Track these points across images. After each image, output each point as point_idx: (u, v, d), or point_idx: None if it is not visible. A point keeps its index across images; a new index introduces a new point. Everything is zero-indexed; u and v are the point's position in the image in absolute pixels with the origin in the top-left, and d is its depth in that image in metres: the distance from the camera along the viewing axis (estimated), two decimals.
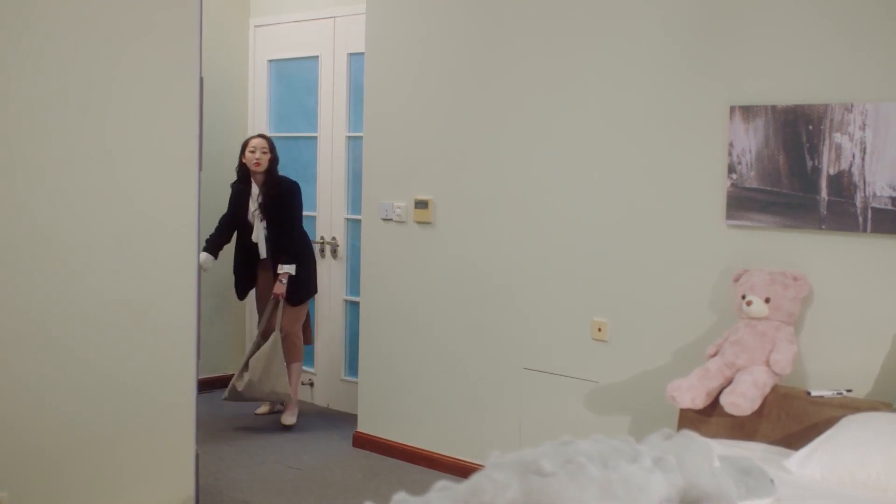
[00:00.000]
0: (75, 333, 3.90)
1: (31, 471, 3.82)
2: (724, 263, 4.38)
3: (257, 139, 6.29)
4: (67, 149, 3.85)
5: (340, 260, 6.80)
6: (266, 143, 6.29)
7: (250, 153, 6.23)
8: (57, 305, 3.85)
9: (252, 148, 6.23)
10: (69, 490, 3.94)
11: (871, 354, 4.00)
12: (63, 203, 3.85)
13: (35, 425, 3.82)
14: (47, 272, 3.81)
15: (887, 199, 3.91)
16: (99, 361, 3.98)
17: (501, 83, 5.18)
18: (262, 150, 6.23)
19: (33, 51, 3.73)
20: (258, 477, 5.35)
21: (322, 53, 6.83)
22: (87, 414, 3.96)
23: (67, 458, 3.92)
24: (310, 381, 7.00)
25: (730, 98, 4.34)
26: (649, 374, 4.65)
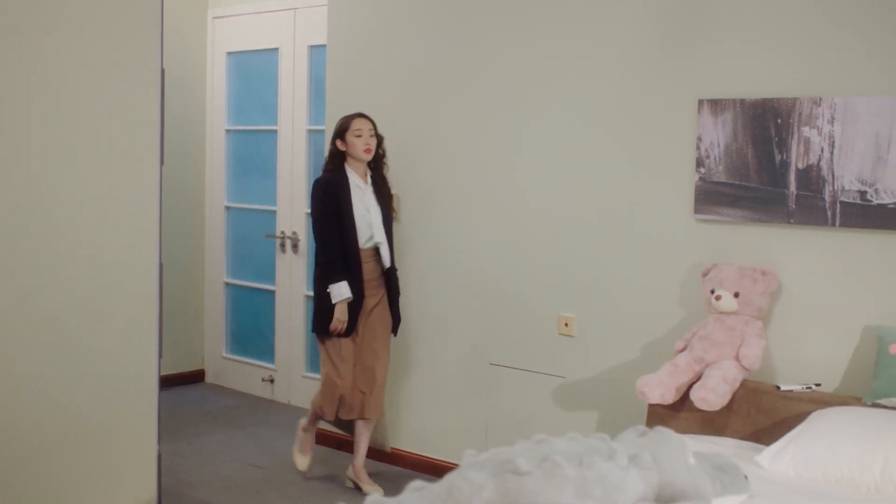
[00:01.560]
0: (34, 332, 3.80)
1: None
2: (692, 258, 4.36)
3: (362, 119, 5.03)
4: (25, 143, 3.74)
5: (301, 255, 6.72)
6: (372, 125, 5.06)
7: (356, 137, 4.98)
8: (15, 303, 3.74)
9: (358, 130, 4.99)
10: (28, 492, 3.83)
11: (840, 348, 4.00)
12: (21, 198, 3.74)
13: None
14: (4, 269, 3.71)
15: (856, 193, 3.90)
16: (59, 360, 3.88)
17: (468, 77, 5.13)
18: (370, 133, 5.03)
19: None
20: (220, 476, 5.26)
21: (282, 46, 6.74)
22: (46, 414, 3.86)
23: (26, 460, 3.81)
24: (270, 378, 6.92)
25: (698, 91, 4.32)
26: (617, 369, 4.63)
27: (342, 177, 4.98)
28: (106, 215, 4.00)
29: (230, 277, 7.29)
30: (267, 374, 6.95)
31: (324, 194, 4.97)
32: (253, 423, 6.33)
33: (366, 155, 4.97)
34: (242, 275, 7.22)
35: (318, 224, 4.98)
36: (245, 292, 7.22)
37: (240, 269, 7.25)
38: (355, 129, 4.94)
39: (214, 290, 7.37)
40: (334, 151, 5.03)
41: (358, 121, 4.97)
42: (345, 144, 4.97)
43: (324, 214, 4.95)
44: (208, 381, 7.42)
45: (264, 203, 6.97)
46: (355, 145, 4.94)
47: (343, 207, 4.93)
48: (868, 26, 3.90)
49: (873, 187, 3.86)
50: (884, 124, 3.82)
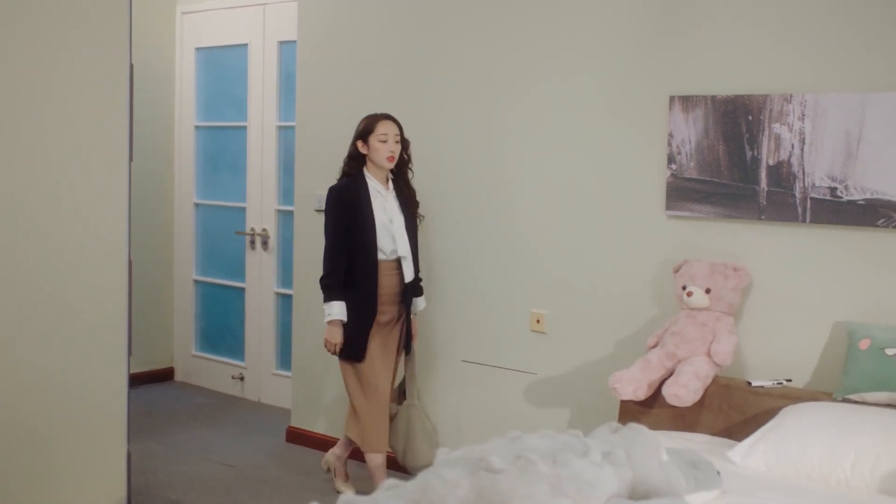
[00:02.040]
0: (1, 330, 3.75)
1: None
2: (664, 254, 4.37)
3: (389, 122, 4.59)
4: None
5: (271, 252, 6.68)
6: (399, 129, 4.64)
7: (380, 142, 4.55)
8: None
9: (384, 134, 4.55)
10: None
11: (810, 344, 4.02)
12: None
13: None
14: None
15: (826, 189, 3.92)
16: (27, 358, 3.83)
17: (438, 71, 5.11)
18: (395, 139, 4.60)
19: None
20: (190, 475, 5.22)
21: (251, 41, 6.70)
22: (14, 413, 3.81)
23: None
24: (240, 376, 6.88)
25: (669, 88, 4.33)
26: (589, 365, 4.63)
27: (360, 183, 4.57)
28: (75, 212, 3.95)
29: (199, 275, 7.24)
30: (237, 372, 6.91)
31: (338, 202, 4.56)
32: (223, 421, 6.29)
33: (388, 163, 4.55)
34: (212, 272, 7.18)
35: (328, 236, 4.62)
36: (215, 290, 7.17)
37: (209, 266, 7.20)
38: (380, 132, 4.52)
39: (184, 287, 7.32)
40: (354, 154, 4.60)
41: (384, 124, 4.54)
42: (367, 147, 4.55)
43: (335, 227, 4.57)
44: (178, 380, 7.37)
45: (234, 200, 6.93)
46: (378, 151, 4.53)
47: (362, 216, 4.52)
48: (838, 23, 3.91)
49: (843, 184, 3.88)
50: (854, 121, 3.84)
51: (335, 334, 4.61)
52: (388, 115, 4.61)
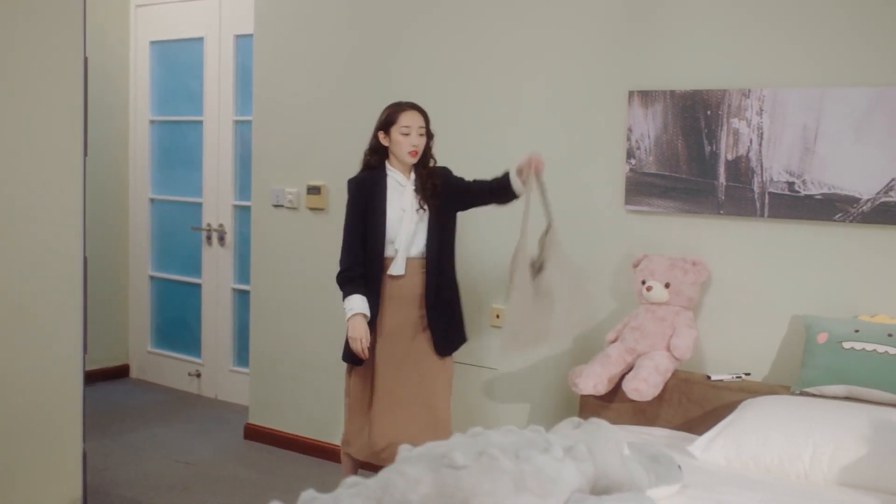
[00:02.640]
0: None
1: None
2: (623, 249, 4.38)
3: (413, 113, 4.19)
4: None
5: (228, 247, 6.63)
6: (424, 120, 4.22)
7: (402, 135, 4.16)
8: None
9: (406, 127, 4.15)
10: None
11: (769, 338, 4.05)
12: None
13: None
14: None
15: (784, 184, 3.95)
16: None
17: (398, 66, 5.09)
18: (419, 132, 4.19)
19: None
20: (148, 473, 5.16)
21: (207, 35, 6.63)
22: None
23: None
24: (197, 372, 6.82)
25: (628, 83, 4.33)
26: (549, 360, 4.63)
27: (381, 175, 4.21)
28: (29, 208, 3.88)
29: (155, 271, 7.17)
30: (193, 369, 6.85)
31: (355, 195, 4.23)
32: (180, 418, 6.23)
33: (410, 158, 4.15)
34: (168, 268, 7.11)
35: (344, 230, 4.25)
36: (170, 286, 7.10)
37: (165, 262, 7.13)
38: (403, 124, 4.13)
39: (139, 283, 7.24)
40: (375, 146, 4.23)
41: (408, 115, 4.15)
42: (388, 139, 4.18)
43: (350, 220, 4.23)
44: (133, 377, 7.29)
45: (190, 195, 6.86)
46: (400, 145, 4.14)
47: (374, 211, 4.17)
48: (796, 19, 3.93)
49: (801, 178, 3.91)
50: (811, 116, 3.87)
51: (357, 328, 4.08)
52: (413, 104, 4.22)
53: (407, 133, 4.13)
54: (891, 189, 3.73)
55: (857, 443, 3.23)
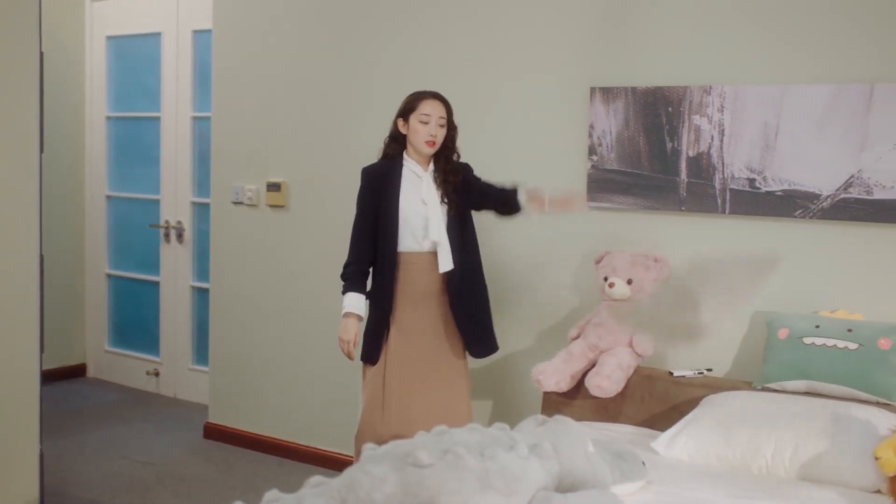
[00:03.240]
0: None
1: None
2: (585, 246, 4.37)
3: (434, 101, 4.00)
4: None
5: (186, 245, 6.56)
6: (445, 110, 4.03)
7: (420, 123, 3.96)
8: None
9: (426, 115, 3.96)
10: None
11: (730, 334, 4.07)
12: None
13: None
14: None
15: (744, 180, 3.97)
16: None
17: (359, 62, 5.05)
18: (439, 122, 3.98)
19: None
20: (106, 474, 5.10)
21: (165, 30, 6.56)
22: None
23: None
24: (155, 371, 6.75)
25: (590, 79, 4.33)
26: (511, 357, 4.62)
27: (396, 165, 4.02)
28: None
29: (112, 268, 7.09)
30: (152, 368, 6.79)
31: (367, 186, 4.04)
32: (139, 418, 6.16)
33: (427, 148, 3.94)
34: (125, 266, 7.03)
35: (354, 222, 4.06)
36: (128, 284, 7.03)
37: (122, 259, 7.05)
38: (423, 112, 3.93)
39: (96, 281, 7.16)
40: (394, 133, 4.04)
41: (429, 103, 3.96)
42: (407, 127, 3.98)
43: (360, 213, 4.04)
44: (90, 376, 7.21)
45: (147, 192, 6.79)
46: (418, 133, 3.93)
47: (387, 201, 3.97)
48: (756, 16, 3.95)
49: (762, 175, 3.93)
50: (772, 113, 3.89)
51: (346, 329, 3.94)
52: (436, 93, 4.02)
53: (426, 122, 3.92)
54: (850, 185, 3.76)
55: (817, 438, 3.25)
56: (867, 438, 3.20)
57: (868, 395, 3.55)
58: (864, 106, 3.72)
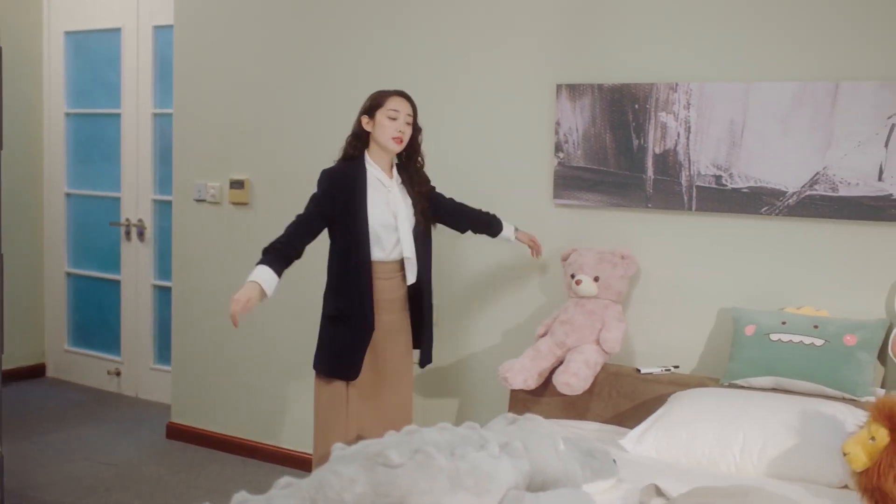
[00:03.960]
0: None
1: None
2: (551, 243, 4.37)
3: (402, 99, 3.88)
4: None
5: (147, 243, 6.49)
6: (412, 108, 3.92)
7: (388, 119, 3.83)
8: None
9: (394, 111, 3.84)
10: None
11: (697, 331, 4.07)
12: None
13: None
14: None
15: (711, 177, 3.97)
16: None
17: (323, 58, 5.01)
18: (406, 119, 3.87)
19: None
20: (68, 475, 5.02)
21: (125, 26, 6.47)
22: None
23: None
24: (116, 371, 6.67)
25: (556, 76, 4.32)
26: (477, 355, 4.61)
27: (359, 168, 3.85)
28: None
29: (72, 267, 6.99)
30: (113, 367, 6.71)
31: (328, 190, 3.82)
32: (99, 418, 6.08)
33: (394, 144, 3.82)
34: (85, 264, 6.94)
35: (302, 214, 3.87)
36: (88, 282, 6.94)
37: (82, 258, 6.96)
38: (390, 108, 3.81)
39: (55, 280, 7.06)
40: (358, 131, 3.88)
41: (396, 100, 3.85)
42: (372, 124, 3.84)
43: (314, 209, 3.84)
44: (49, 376, 7.11)
45: (108, 189, 6.71)
46: (385, 129, 3.80)
47: (354, 208, 3.79)
48: (722, 14, 3.96)
49: (728, 172, 3.94)
50: (738, 110, 3.90)
51: (244, 293, 3.58)
52: (403, 92, 3.92)
53: (394, 118, 3.80)
54: (816, 182, 3.78)
55: (785, 434, 3.26)
56: (834, 434, 3.22)
57: (834, 392, 3.57)
58: (830, 103, 3.73)
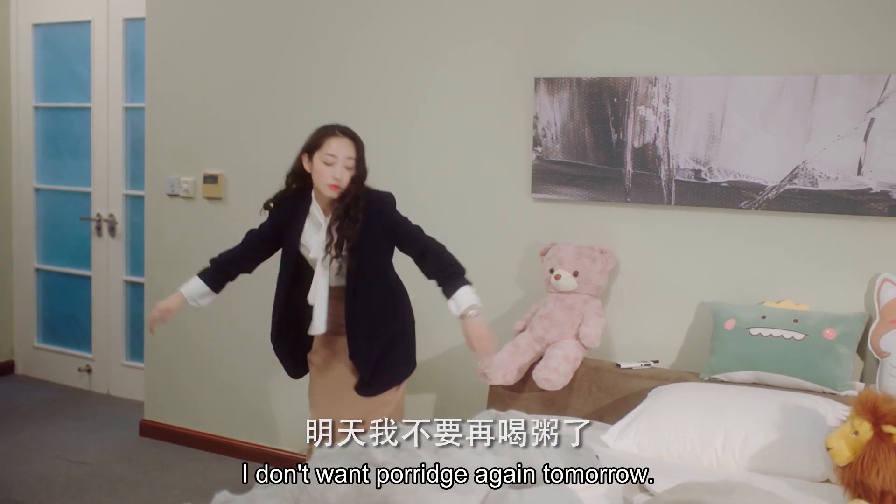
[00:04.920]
0: None
1: None
2: (530, 238, 4.35)
3: (342, 140, 3.59)
4: None
5: (119, 238, 6.42)
6: (355, 150, 3.61)
7: (325, 165, 3.55)
8: None
9: (331, 155, 3.55)
10: None
11: (676, 325, 4.08)
12: None
13: None
14: None
15: (690, 171, 3.97)
16: None
17: (298, 52, 4.96)
18: (346, 163, 3.57)
19: None
20: (39, 475, 4.95)
21: (94, 18, 6.39)
22: None
23: None
24: (87, 367, 6.60)
25: (535, 70, 4.30)
26: (455, 350, 4.58)
27: (304, 202, 3.68)
28: None
29: (41, 263, 6.91)
30: (84, 364, 6.64)
31: (273, 216, 3.78)
32: (71, 416, 6.01)
33: (330, 192, 3.55)
34: (55, 260, 6.86)
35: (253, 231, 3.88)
36: (58, 278, 6.85)
37: (52, 253, 6.88)
38: (328, 152, 3.54)
39: (24, 276, 6.97)
40: (298, 169, 3.67)
41: (336, 141, 3.56)
42: (311, 166, 3.60)
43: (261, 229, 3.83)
44: (19, 373, 7.02)
45: (78, 184, 6.62)
46: (321, 175, 3.55)
47: (289, 245, 3.71)
48: (701, 8, 3.96)
49: (707, 166, 3.93)
50: (717, 104, 3.89)
51: (165, 302, 3.88)
52: (346, 129, 3.62)
53: (331, 163, 3.53)
54: (795, 176, 3.78)
55: (767, 429, 3.26)
56: (815, 429, 3.22)
57: (814, 385, 3.58)
58: (809, 97, 3.74)
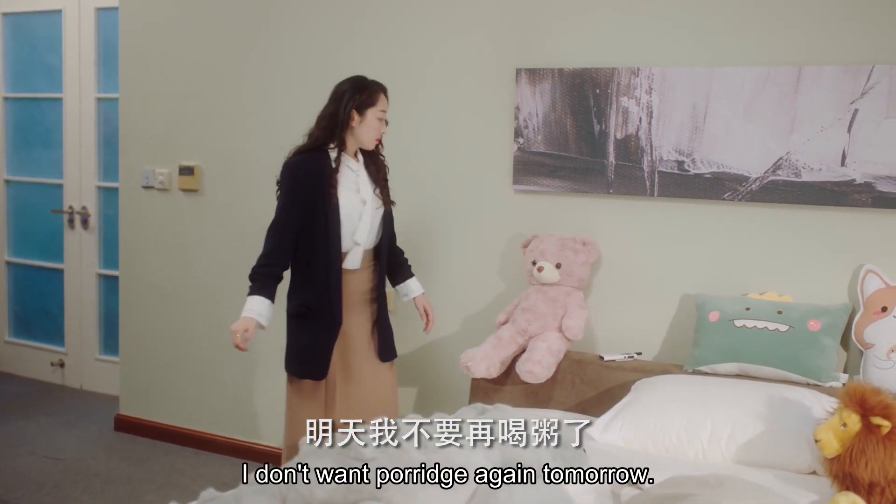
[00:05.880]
0: None
1: None
2: (511, 229, 4.32)
3: (385, 97, 3.75)
4: None
5: (92, 231, 6.34)
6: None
7: (378, 121, 3.70)
8: None
9: (383, 111, 3.71)
10: None
11: (659, 317, 4.06)
12: None
13: None
14: None
15: (673, 162, 3.95)
16: None
17: (275, 41, 4.91)
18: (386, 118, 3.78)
19: None
20: (13, 471, 4.89)
21: (66, 7, 6.29)
22: None
23: None
24: (60, 362, 6.52)
25: (516, 60, 4.27)
26: (436, 344, 4.55)
27: (324, 158, 3.63)
28: None
29: (12, 256, 6.81)
30: (56, 358, 6.55)
31: (296, 182, 3.64)
32: (44, 411, 5.93)
33: (373, 144, 3.72)
34: (26, 253, 6.77)
35: (275, 218, 3.70)
36: (30, 271, 6.76)
37: (23, 246, 6.78)
38: (381, 108, 3.68)
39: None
40: (341, 120, 3.64)
41: (384, 99, 3.71)
42: (361, 121, 3.66)
43: (288, 209, 3.66)
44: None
45: (49, 176, 6.53)
46: (372, 129, 3.67)
47: (324, 200, 3.59)
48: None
49: (690, 157, 3.92)
50: (700, 95, 3.87)
51: (242, 324, 3.62)
52: (383, 85, 3.76)
53: (382, 118, 3.68)
54: (778, 168, 3.77)
55: (753, 421, 3.26)
56: (801, 420, 3.22)
57: (799, 377, 3.58)
58: (792, 88, 3.73)
